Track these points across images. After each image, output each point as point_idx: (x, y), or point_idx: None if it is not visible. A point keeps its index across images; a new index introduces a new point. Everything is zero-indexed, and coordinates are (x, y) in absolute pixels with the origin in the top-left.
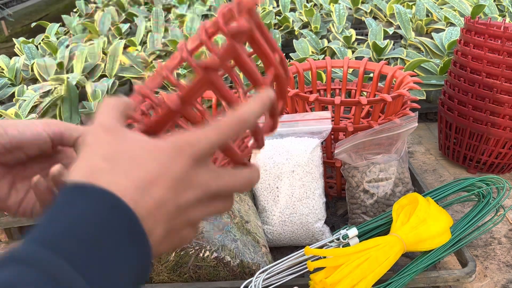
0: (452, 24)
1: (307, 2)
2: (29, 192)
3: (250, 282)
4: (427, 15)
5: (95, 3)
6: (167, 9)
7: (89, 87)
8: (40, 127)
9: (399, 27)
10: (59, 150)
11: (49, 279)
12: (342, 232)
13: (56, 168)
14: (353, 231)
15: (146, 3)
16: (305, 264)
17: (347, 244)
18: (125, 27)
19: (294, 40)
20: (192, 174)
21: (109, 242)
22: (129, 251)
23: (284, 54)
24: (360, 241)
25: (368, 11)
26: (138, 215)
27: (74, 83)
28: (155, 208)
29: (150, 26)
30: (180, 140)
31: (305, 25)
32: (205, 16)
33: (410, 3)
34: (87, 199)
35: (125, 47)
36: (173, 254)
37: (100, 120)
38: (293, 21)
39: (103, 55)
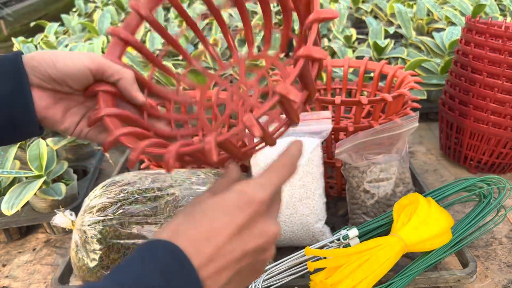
0: (453, 24)
1: None
2: (84, 116)
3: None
4: (428, 15)
5: (94, 2)
6: (167, 8)
7: None
8: (85, 62)
9: (399, 27)
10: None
11: None
12: (343, 232)
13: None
14: (353, 232)
15: None
16: (306, 265)
17: (348, 245)
18: None
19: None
20: (258, 222)
21: (166, 279)
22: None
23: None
24: (360, 242)
25: (369, 10)
26: (196, 261)
27: None
28: (217, 254)
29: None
30: (246, 191)
31: None
32: (204, 15)
33: (411, 2)
34: (157, 251)
35: None
36: None
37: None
38: (293, 20)
39: (103, 54)
